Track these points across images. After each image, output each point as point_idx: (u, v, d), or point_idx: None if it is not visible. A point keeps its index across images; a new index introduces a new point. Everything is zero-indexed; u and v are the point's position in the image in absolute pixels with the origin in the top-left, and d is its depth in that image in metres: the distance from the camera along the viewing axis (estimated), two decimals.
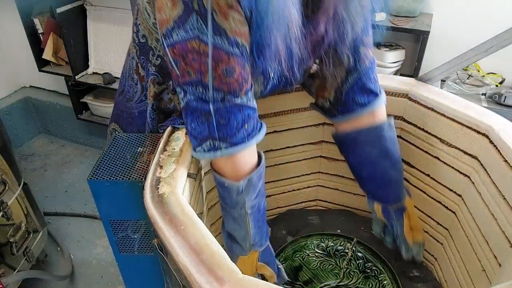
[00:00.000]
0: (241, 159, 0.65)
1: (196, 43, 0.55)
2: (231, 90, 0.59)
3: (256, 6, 0.55)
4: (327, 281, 0.86)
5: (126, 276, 0.79)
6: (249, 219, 0.68)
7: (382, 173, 0.80)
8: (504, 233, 0.67)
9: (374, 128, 0.77)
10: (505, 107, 1.47)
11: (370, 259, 0.90)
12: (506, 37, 0.71)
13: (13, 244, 1.28)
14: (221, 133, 0.61)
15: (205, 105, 0.60)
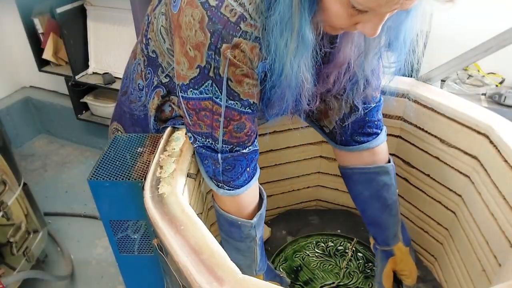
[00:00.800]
0: (244, 198, 0.68)
1: (210, 103, 0.57)
2: (240, 143, 0.62)
3: (271, 72, 0.55)
4: (327, 281, 0.86)
5: (126, 276, 0.79)
6: (256, 250, 0.71)
7: (372, 214, 0.82)
8: (504, 233, 0.67)
9: (368, 170, 0.78)
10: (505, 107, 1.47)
11: (370, 259, 0.90)
12: (506, 37, 0.71)
13: (13, 244, 1.28)
14: (225, 177, 0.65)
15: (213, 154, 0.63)
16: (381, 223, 0.81)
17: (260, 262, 0.74)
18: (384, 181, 0.78)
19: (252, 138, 0.63)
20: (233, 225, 0.69)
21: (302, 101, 0.62)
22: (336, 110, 0.74)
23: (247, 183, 0.66)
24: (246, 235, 0.69)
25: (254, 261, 0.72)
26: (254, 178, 0.68)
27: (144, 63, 0.77)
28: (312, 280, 0.86)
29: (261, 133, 0.91)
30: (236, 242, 0.71)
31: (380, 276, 0.82)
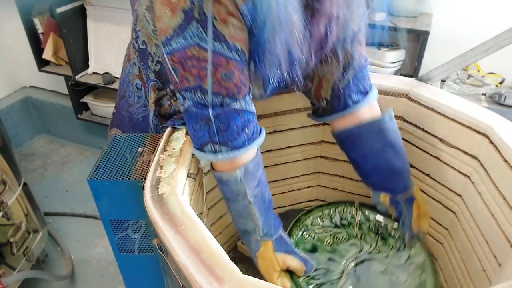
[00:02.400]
0: (240, 160, 0.65)
1: (195, 50, 0.56)
2: (229, 94, 0.60)
3: (257, 14, 0.55)
4: (348, 254, 0.82)
5: (126, 276, 0.79)
6: (253, 209, 0.66)
7: (388, 164, 0.79)
8: (504, 233, 0.67)
9: (375, 121, 0.77)
10: (505, 107, 1.47)
11: (378, 219, 0.86)
12: (506, 37, 0.71)
13: (13, 244, 1.28)
14: (221, 138, 0.62)
15: (204, 110, 0.60)
16: (398, 168, 0.78)
17: (264, 226, 0.68)
18: (393, 126, 0.78)
19: (243, 91, 0.61)
20: (221, 182, 0.67)
21: (294, 55, 0.61)
22: (329, 75, 0.75)
23: (248, 144, 0.64)
24: (236, 192, 0.66)
25: (256, 224, 0.68)
26: (256, 142, 0.65)
27: (138, 61, 0.77)
28: (333, 259, 0.81)
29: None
30: (233, 203, 0.67)
31: (410, 223, 0.78)
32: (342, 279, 0.77)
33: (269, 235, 0.69)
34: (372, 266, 0.78)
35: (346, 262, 0.80)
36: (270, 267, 0.69)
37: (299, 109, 0.92)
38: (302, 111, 0.92)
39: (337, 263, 0.79)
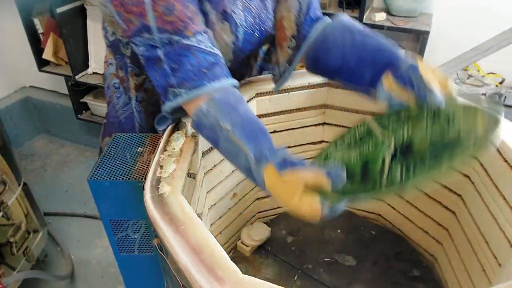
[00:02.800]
0: (204, 98, 0.61)
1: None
2: (175, 30, 0.58)
3: None
4: (381, 154, 0.61)
5: (126, 276, 0.79)
6: (235, 136, 0.58)
7: (368, 46, 0.72)
8: (504, 233, 0.67)
9: (334, 23, 0.75)
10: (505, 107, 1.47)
11: (396, 112, 0.69)
12: (506, 37, 0.71)
13: (13, 244, 1.28)
14: (177, 79, 0.60)
15: (154, 51, 0.59)
16: (380, 44, 0.71)
17: (255, 150, 0.57)
18: (350, 19, 0.75)
19: (191, 28, 0.59)
20: (196, 125, 0.62)
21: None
22: (288, 11, 0.75)
23: (209, 83, 0.60)
24: (211, 127, 0.60)
25: (245, 152, 0.57)
26: (220, 82, 0.61)
27: (113, 56, 0.79)
28: (367, 166, 0.60)
29: None
30: (217, 142, 0.60)
31: (430, 89, 0.63)
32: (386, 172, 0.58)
33: (265, 159, 0.56)
34: (414, 145, 0.60)
35: (383, 159, 0.60)
36: (283, 192, 0.56)
37: (299, 109, 0.92)
38: (302, 111, 0.92)
39: (372, 165, 0.60)
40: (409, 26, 1.48)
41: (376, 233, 0.98)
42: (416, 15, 1.58)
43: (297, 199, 0.54)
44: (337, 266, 0.90)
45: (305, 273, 0.88)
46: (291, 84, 0.87)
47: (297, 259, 0.91)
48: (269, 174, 0.56)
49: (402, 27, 1.49)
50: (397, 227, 0.99)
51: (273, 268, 0.90)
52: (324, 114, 0.94)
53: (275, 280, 0.87)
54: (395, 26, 1.49)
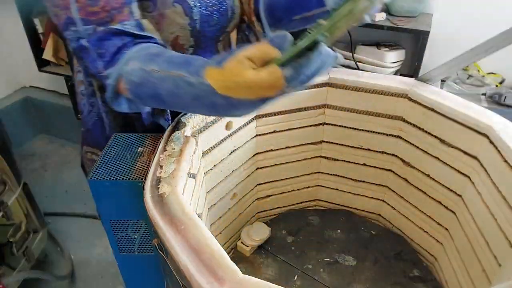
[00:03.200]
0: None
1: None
2: (100, 21, 0.58)
3: None
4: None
5: (126, 276, 0.79)
6: (166, 71, 0.53)
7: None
8: (504, 233, 0.67)
9: None
10: (505, 107, 1.47)
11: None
12: (506, 37, 0.71)
13: (13, 244, 1.28)
14: (104, 62, 0.59)
15: (80, 42, 0.59)
16: None
17: (188, 68, 0.51)
18: None
19: (117, 18, 0.58)
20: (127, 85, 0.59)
21: None
22: None
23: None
24: (139, 79, 0.56)
25: (182, 75, 0.52)
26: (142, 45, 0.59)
27: (78, 64, 0.78)
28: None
29: (261, 133, 0.91)
30: (153, 92, 0.56)
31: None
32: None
33: (201, 68, 0.50)
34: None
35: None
36: (231, 78, 0.46)
37: (299, 109, 0.92)
38: (302, 111, 0.92)
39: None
40: (409, 26, 1.48)
41: (376, 233, 0.98)
42: (416, 15, 1.58)
43: (248, 74, 0.45)
44: (337, 266, 0.90)
45: (305, 273, 0.88)
46: None
47: (297, 259, 0.92)
48: (211, 75, 0.48)
49: (402, 27, 1.49)
50: (397, 227, 0.99)
51: (273, 268, 0.90)
52: (324, 114, 0.94)
53: (275, 280, 0.87)
54: (395, 26, 1.49)
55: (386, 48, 1.61)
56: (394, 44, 1.66)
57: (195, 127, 0.75)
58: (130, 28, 0.60)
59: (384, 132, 0.91)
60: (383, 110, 0.88)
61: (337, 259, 0.92)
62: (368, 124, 0.91)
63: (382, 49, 1.60)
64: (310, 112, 0.92)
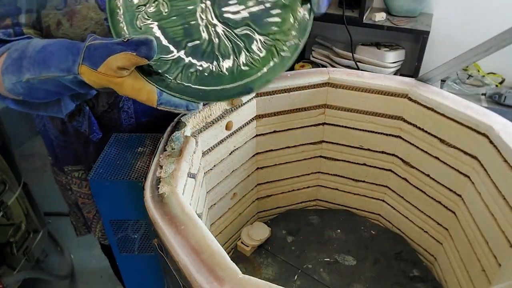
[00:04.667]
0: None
1: None
2: None
3: None
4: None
5: (126, 276, 0.79)
6: (39, 77, 0.55)
7: None
8: (504, 233, 0.67)
9: None
10: (505, 107, 1.48)
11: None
12: (506, 37, 0.71)
13: (13, 244, 1.28)
14: None
15: None
16: None
17: (58, 67, 0.53)
18: None
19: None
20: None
21: None
22: None
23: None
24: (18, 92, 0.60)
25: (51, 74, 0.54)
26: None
27: None
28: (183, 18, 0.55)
29: (261, 133, 0.91)
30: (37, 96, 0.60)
31: None
32: (212, 41, 0.56)
33: (73, 64, 0.52)
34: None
35: (201, 14, 0.56)
36: (109, 83, 0.51)
37: (299, 109, 0.92)
38: (302, 111, 0.92)
39: (193, 26, 0.56)
40: (409, 26, 1.48)
41: (376, 233, 0.99)
42: (416, 15, 1.58)
43: (121, 85, 0.50)
44: (337, 266, 0.90)
45: (305, 273, 0.88)
46: (291, 84, 0.87)
47: (297, 259, 0.92)
48: (84, 74, 0.51)
49: (402, 27, 1.49)
50: (397, 227, 0.99)
51: (273, 268, 0.90)
52: (324, 114, 0.94)
53: (275, 280, 0.87)
54: (395, 26, 1.49)
55: (386, 48, 1.61)
56: (394, 44, 1.67)
57: (195, 127, 0.75)
58: (2, 35, 0.63)
59: (384, 132, 0.91)
60: (383, 110, 0.88)
61: (337, 259, 0.92)
62: (368, 124, 0.91)
63: (382, 49, 1.60)
64: (310, 112, 0.92)
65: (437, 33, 1.58)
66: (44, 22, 0.66)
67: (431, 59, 1.59)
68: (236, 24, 0.56)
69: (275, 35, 0.57)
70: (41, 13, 0.65)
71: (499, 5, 1.50)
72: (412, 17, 1.56)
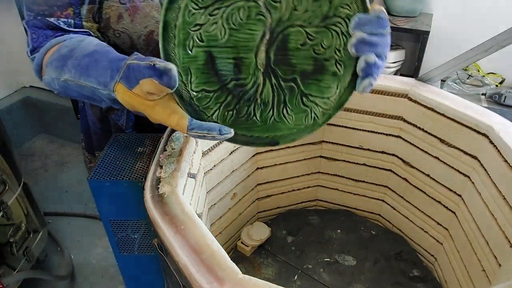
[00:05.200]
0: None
1: None
2: (40, 12, 0.62)
3: None
4: (255, 39, 0.53)
5: (126, 276, 0.79)
6: (79, 81, 0.56)
7: None
8: (504, 233, 0.67)
9: None
10: (505, 107, 1.48)
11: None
12: (506, 37, 0.71)
13: (13, 244, 1.28)
14: (33, 46, 0.64)
15: (24, 23, 0.64)
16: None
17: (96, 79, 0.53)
18: None
19: (56, 15, 0.62)
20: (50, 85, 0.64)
21: None
22: None
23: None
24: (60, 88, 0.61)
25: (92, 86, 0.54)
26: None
27: None
28: (238, 59, 0.53)
29: None
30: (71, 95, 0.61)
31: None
32: (258, 84, 0.55)
33: (111, 80, 0.52)
34: (289, 42, 0.54)
35: (257, 54, 0.53)
36: (141, 106, 0.50)
37: None
38: None
39: (245, 63, 0.54)
40: (409, 26, 1.48)
41: (376, 233, 0.99)
42: (416, 15, 1.58)
43: (152, 109, 0.50)
44: (337, 266, 0.90)
45: (305, 273, 0.88)
46: None
47: (297, 259, 0.92)
48: (119, 92, 0.51)
49: (402, 27, 1.49)
50: (397, 227, 0.99)
51: (273, 268, 0.90)
52: None
53: (275, 280, 0.87)
54: (395, 26, 1.49)
55: None
56: (394, 44, 1.67)
57: None
58: (63, 25, 0.63)
59: (384, 132, 0.91)
60: (383, 110, 0.88)
61: (337, 259, 0.92)
62: (368, 124, 0.91)
63: None
64: None
65: (437, 33, 1.58)
66: (105, 14, 0.66)
67: (431, 59, 1.59)
68: (286, 75, 0.55)
69: (315, 98, 0.56)
70: (104, 3, 0.66)
71: (499, 5, 1.50)
72: (412, 17, 1.56)
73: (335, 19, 0.52)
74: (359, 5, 0.51)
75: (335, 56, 0.53)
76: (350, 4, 0.51)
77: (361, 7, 0.51)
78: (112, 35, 0.68)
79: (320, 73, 0.55)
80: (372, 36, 0.49)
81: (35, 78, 0.67)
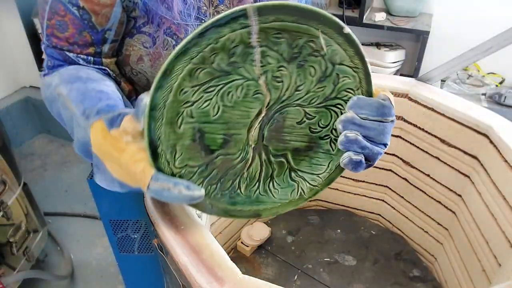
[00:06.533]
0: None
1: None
2: (59, 46, 0.61)
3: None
4: (249, 115, 0.49)
5: (126, 276, 0.79)
6: (69, 101, 0.54)
7: None
8: (504, 233, 0.67)
9: None
10: (505, 107, 1.48)
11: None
12: (506, 37, 0.71)
13: (13, 244, 1.28)
14: (47, 68, 0.63)
15: (41, 44, 0.63)
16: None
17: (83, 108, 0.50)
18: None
19: (76, 50, 0.62)
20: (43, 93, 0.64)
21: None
22: None
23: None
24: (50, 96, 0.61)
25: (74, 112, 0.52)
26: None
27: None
28: (229, 135, 0.50)
29: None
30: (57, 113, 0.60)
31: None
32: (247, 159, 0.52)
33: (94, 115, 0.48)
34: (286, 120, 0.51)
35: (249, 130, 0.50)
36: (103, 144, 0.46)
37: None
38: None
39: (236, 139, 0.50)
40: (409, 26, 1.48)
41: (376, 233, 0.98)
42: (416, 15, 1.58)
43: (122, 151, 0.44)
44: (337, 266, 0.90)
45: (305, 273, 0.88)
46: None
47: (297, 259, 0.92)
48: (95, 129, 0.46)
49: (402, 27, 1.49)
50: (397, 227, 0.99)
51: (273, 268, 0.90)
52: None
53: (275, 280, 0.87)
54: (395, 26, 1.49)
55: (386, 48, 1.61)
56: (394, 44, 1.67)
57: None
58: (82, 62, 0.63)
59: None
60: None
61: (337, 259, 0.92)
62: None
63: (382, 49, 1.60)
64: None
65: (437, 33, 1.58)
66: (126, 50, 0.66)
67: (431, 59, 1.59)
68: (277, 151, 0.53)
69: (304, 174, 0.55)
70: (126, 39, 0.65)
71: (499, 5, 1.50)
72: (412, 17, 1.56)
73: (336, 100, 0.51)
74: (364, 90, 0.50)
75: (331, 135, 0.53)
76: (354, 89, 0.50)
77: (366, 94, 0.50)
78: (129, 72, 0.68)
79: (313, 151, 0.54)
80: (366, 121, 0.47)
81: (35, 78, 0.67)
